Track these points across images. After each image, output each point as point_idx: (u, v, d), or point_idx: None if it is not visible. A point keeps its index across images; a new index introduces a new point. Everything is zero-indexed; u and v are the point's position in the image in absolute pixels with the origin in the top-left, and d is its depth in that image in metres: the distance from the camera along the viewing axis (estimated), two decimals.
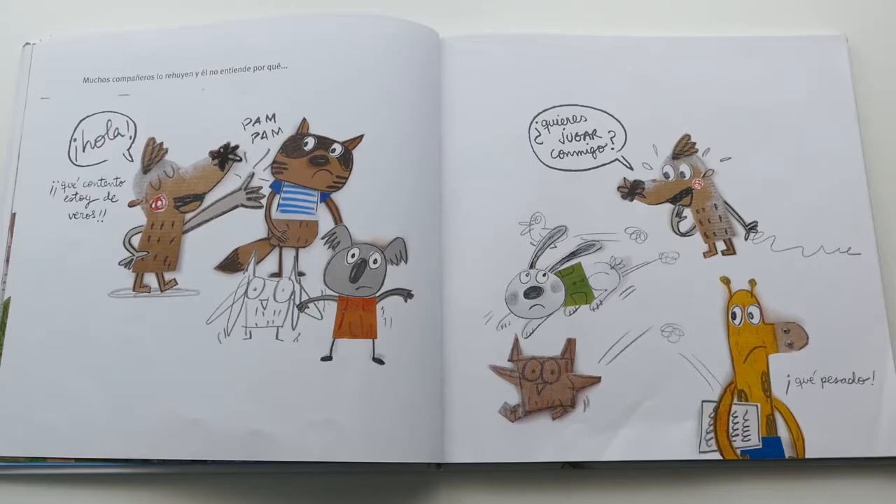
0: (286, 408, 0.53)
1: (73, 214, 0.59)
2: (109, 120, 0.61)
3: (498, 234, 0.58)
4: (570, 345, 0.56)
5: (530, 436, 0.54)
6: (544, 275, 0.58)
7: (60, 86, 0.62)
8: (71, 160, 0.60)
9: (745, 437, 0.55)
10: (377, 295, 0.55)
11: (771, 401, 0.55)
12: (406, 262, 0.56)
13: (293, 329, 0.54)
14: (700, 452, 0.54)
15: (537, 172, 0.60)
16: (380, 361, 0.54)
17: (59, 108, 0.62)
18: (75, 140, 0.61)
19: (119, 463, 0.54)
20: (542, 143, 0.61)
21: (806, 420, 0.55)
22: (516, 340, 0.56)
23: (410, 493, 0.55)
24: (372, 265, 0.56)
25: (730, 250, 0.58)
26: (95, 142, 0.61)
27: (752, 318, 0.57)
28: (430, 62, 0.61)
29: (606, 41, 0.63)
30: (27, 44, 0.64)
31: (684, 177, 0.60)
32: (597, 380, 0.56)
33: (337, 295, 0.55)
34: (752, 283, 0.58)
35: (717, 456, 0.54)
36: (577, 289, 0.57)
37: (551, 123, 0.61)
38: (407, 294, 0.55)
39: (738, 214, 0.59)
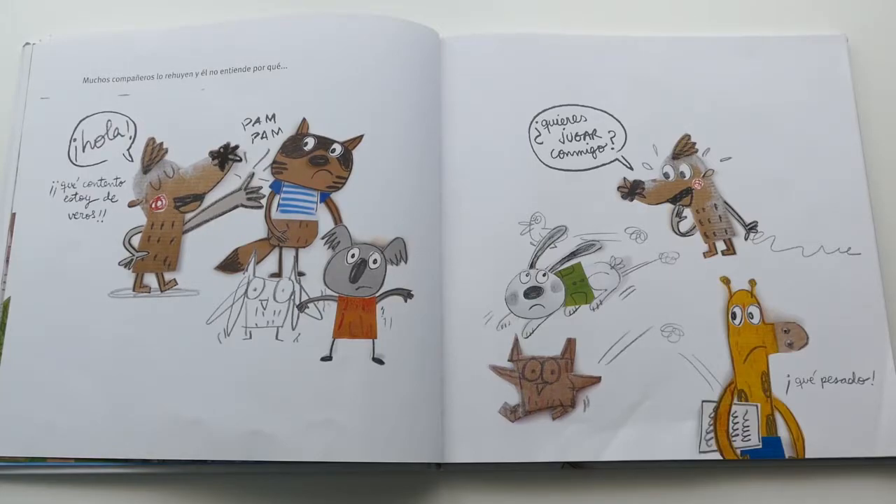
0: (286, 408, 0.53)
1: (73, 214, 0.59)
2: (109, 120, 0.61)
3: (498, 234, 0.58)
4: (570, 345, 0.56)
5: (530, 436, 0.54)
6: (544, 275, 0.58)
7: (60, 86, 0.62)
8: (71, 160, 0.60)
9: (745, 437, 0.55)
10: (377, 295, 0.55)
11: (771, 401, 0.55)
12: (406, 262, 0.56)
13: (293, 329, 0.54)
14: (700, 452, 0.54)
15: (537, 172, 0.60)
16: (380, 361, 0.54)
17: (59, 108, 0.62)
18: (75, 140, 0.61)
19: (119, 463, 0.54)
20: (542, 143, 0.61)
21: (806, 420, 0.55)
22: (516, 340, 0.56)
23: (410, 493, 0.55)
24: (372, 265, 0.56)
25: (730, 250, 0.58)
26: (95, 142, 0.61)
27: (752, 318, 0.57)
28: (430, 62, 0.61)
29: (606, 41, 0.63)
30: (27, 44, 0.64)
31: (684, 177, 0.60)
32: (597, 380, 0.56)
33: (337, 295, 0.55)
34: (752, 283, 0.58)
35: (717, 456, 0.54)
36: (577, 289, 0.57)
37: (551, 123, 0.61)
38: (407, 294, 0.55)
39: (738, 214, 0.59)
